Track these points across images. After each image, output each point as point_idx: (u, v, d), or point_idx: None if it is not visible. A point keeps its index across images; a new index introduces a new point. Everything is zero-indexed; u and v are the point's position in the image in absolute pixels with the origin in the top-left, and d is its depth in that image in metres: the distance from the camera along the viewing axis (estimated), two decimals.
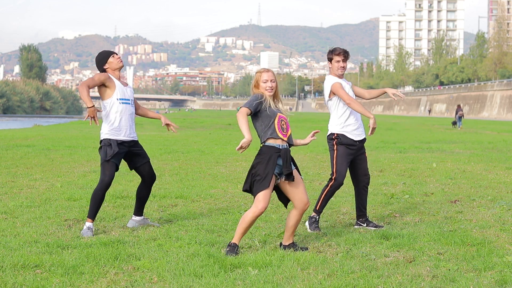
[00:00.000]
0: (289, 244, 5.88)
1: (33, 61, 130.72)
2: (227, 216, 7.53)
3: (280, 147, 5.67)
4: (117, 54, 6.91)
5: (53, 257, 5.46)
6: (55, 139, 23.46)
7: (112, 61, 6.79)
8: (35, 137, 24.42)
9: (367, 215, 7.18)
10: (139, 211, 7.06)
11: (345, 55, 6.86)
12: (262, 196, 5.57)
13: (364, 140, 7.05)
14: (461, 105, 54.12)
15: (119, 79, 6.84)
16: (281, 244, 5.94)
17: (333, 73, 6.96)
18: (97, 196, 6.64)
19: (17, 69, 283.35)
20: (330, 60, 6.94)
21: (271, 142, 5.67)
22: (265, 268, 5.19)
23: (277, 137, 5.67)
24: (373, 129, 6.68)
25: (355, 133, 6.96)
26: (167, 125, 7.09)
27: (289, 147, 5.81)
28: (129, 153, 6.88)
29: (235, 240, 5.72)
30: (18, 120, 75.94)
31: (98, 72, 6.84)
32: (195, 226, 6.95)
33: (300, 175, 5.89)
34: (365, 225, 7.04)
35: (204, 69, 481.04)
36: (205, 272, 5.04)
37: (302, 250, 5.81)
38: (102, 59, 6.82)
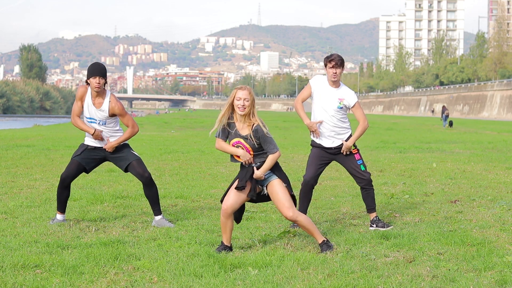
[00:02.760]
0: (320, 243, 5.86)
1: (33, 61, 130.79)
2: None
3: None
4: (100, 78, 6.85)
5: (53, 257, 5.46)
6: (55, 139, 23.46)
7: (91, 82, 6.91)
8: (35, 137, 24.42)
9: (374, 216, 7.12)
10: (154, 210, 7.10)
11: (337, 61, 6.85)
12: (225, 197, 5.87)
13: (338, 147, 7.01)
14: (446, 106, 60.93)
15: (95, 97, 6.96)
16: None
17: (328, 78, 7.00)
18: (57, 190, 7.17)
19: (17, 69, 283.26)
20: (325, 65, 6.97)
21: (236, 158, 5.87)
22: (265, 268, 5.19)
23: (236, 161, 5.85)
24: (312, 132, 6.88)
25: (322, 140, 7.02)
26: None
27: (258, 165, 5.78)
28: (110, 158, 7.15)
29: (223, 241, 5.87)
30: (18, 120, 75.94)
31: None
32: (195, 226, 6.95)
33: (287, 184, 5.80)
34: (375, 226, 7.01)
35: (204, 69, 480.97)
36: (205, 272, 5.04)
37: (330, 249, 5.77)
38: (88, 72, 6.94)
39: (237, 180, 5.83)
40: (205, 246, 5.89)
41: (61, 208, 7.13)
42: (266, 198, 5.92)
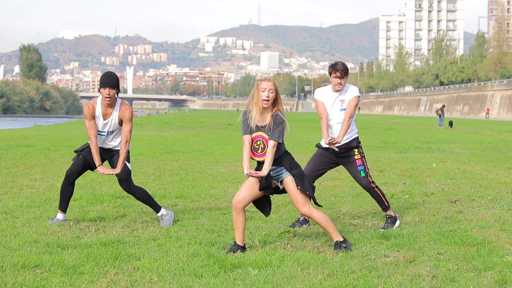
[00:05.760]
0: (334, 242, 5.87)
1: (33, 61, 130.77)
2: (227, 216, 7.53)
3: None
4: (111, 89, 6.80)
5: (53, 257, 5.46)
6: (55, 139, 23.46)
7: (102, 92, 6.86)
8: (35, 137, 24.42)
9: (386, 214, 7.12)
10: (153, 209, 7.19)
11: (343, 72, 6.87)
12: (237, 192, 5.87)
13: (340, 150, 7.02)
14: (446, 105, 62.02)
15: (106, 108, 6.92)
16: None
17: (332, 87, 7.01)
18: (61, 187, 7.15)
19: (17, 69, 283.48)
20: (330, 74, 6.98)
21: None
22: (265, 268, 5.19)
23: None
24: (332, 144, 6.79)
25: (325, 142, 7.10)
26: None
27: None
28: (109, 162, 7.21)
29: (236, 240, 5.81)
30: (18, 120, 75.91)
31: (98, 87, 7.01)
32: (195, 226, 6.95)
33: (299, 179, 5.79)
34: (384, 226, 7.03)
35: (204, 69, 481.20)
36: (205, 272, 5.04)
37: (342, 250, 5.76)
38: (100, 82, 6.88)
39: (250, 179, 5.82)
40: (205, 246, 5.89)
41: (63, 206, 7.11)
42: (283, 191, 5.88)
